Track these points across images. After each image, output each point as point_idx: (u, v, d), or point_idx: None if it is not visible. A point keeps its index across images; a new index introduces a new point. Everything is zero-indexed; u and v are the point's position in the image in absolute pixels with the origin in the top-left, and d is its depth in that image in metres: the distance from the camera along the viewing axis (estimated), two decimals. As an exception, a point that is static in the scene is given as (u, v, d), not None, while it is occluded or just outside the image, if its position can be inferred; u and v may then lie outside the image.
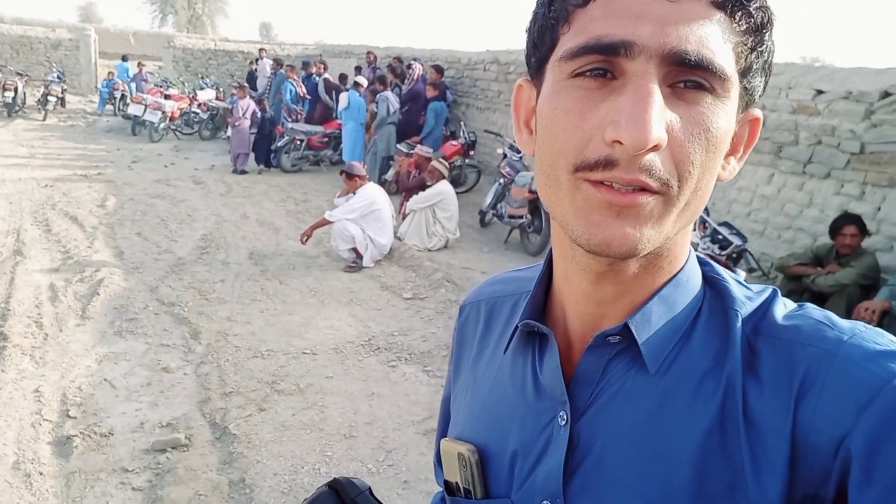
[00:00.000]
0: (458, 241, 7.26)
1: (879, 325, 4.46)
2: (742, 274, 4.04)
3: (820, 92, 5.99)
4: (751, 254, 4.12)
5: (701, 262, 0.62)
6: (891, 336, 0.51)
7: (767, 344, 0.54)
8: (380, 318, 5.16)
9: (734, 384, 0.53)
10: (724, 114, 0.51)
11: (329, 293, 5.64)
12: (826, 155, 5.84)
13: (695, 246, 4.14)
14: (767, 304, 0.57)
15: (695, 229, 4.62)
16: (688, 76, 0.49)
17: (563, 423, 0.60)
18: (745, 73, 0.52)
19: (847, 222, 4.96)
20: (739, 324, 0.56)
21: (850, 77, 5.83)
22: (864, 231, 4.96)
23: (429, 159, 7.49)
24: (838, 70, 6.04)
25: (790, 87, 6.25)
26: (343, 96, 10.38)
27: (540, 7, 0.56)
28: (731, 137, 0.53)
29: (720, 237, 4.17)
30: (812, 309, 0.56)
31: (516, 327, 0.66)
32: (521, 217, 7.13)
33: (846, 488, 0.47)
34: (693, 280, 0.60)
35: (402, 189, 7.90)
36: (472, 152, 9.58)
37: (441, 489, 0.78)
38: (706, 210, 4.64)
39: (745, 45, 0.51)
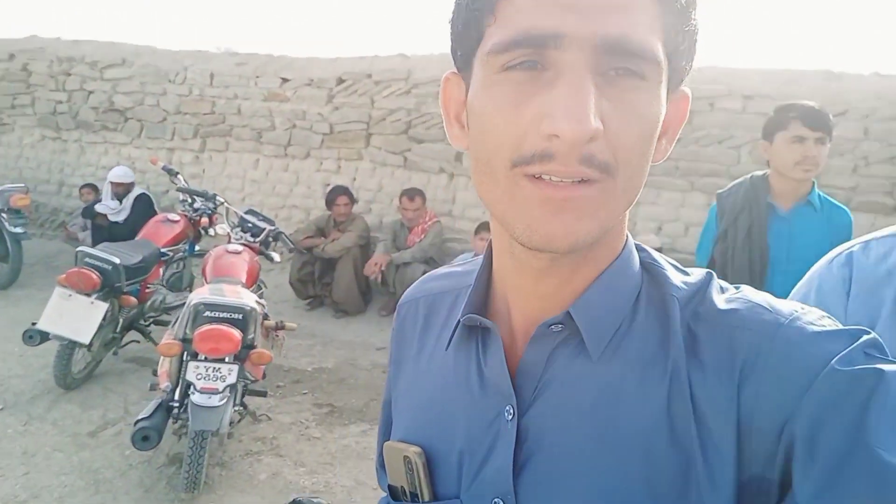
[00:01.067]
0: None
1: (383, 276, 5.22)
2: (276, 256, 4.11)
3: (285, 80, 6.49)
4: (285, 234, 4.24)
5: (637, 248, 0.62)
6: (830, 317, 0.53)
7: (708, 329, 0.54)
8: None
9: (679, 371, 0.53)
10: (655, 98, 0.50)
11: None
12: (302, 137, 6.42)
13: (228, 237, 4.03)
14: (704, 288, 0.58)
15: (212, 220, 4.47)
16: (618, 63, 0.48)
17: (510, 417, 0.58)
18: (672, 55, 0.51)
19: (339, 194, 5.61)
20: (678, 310, 0.56)
21: (310, 66, 6.49)
22: (353, 199, 5.69)
23: None
24: (298, 59, 6.64)
25: (258, 76, 6.58)
26: None
27: None
28: (662, 121, 0.53)
29: (250, 225, 4.14)
30: (749, 291, 0.57)
31: (458, 322, 0.64)
32: (-24, 244, 5.61)
33: (791, 470, 0.48)
34: (631, 266, 0.60)
35: None
36: None
37: (385, 494, 0.74)
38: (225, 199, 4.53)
39: (673, 27, 0.51)
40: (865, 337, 0.50)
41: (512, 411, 0.58)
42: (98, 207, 6.25)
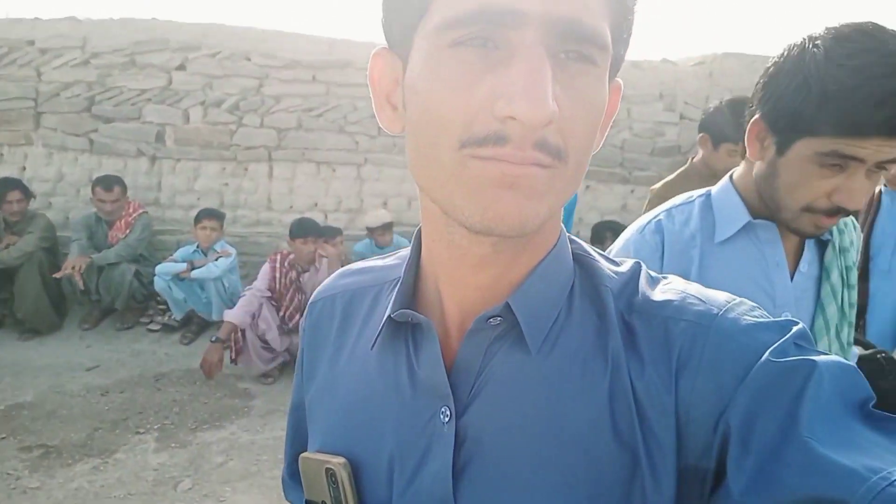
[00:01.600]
0: None
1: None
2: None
3: None
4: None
5: (569, 240, 0.62)
6: (759, 308, 0.54)
7: (642, 320, 0.54)
8: None
9: (619, 364, 0.53)
10: (602, 85, 0.50)
11: None
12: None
13: None
14: (635, 279, 0.58)
15: None
16: (571, 47, 0.47)
17: (447, 419, 0.55)
18: (615, 43, 0.51)
19: (9, 189, 4.62)
20: (613, 301, 0.56)
21: (-65, 28, 5.11)
22: (28, 194, 4.72)
23: None
24: (-86, 19, 5.18)
25: None
26: None
27: None
28: (606, 108, 0.53)
29: None
30: (678, 281, 0.58)
31: (388, 318, 0.60)
32: None
33: (725, 460, 0.48)
34: (566, 256, 0.59)
35: None
36: None
37: None
38: None
39: (618, 13, 0.50)
40: (795, 328, 0.51)
41: (449, 412, 0.55)
42: None
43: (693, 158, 2.80)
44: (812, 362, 0.47)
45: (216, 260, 4.52)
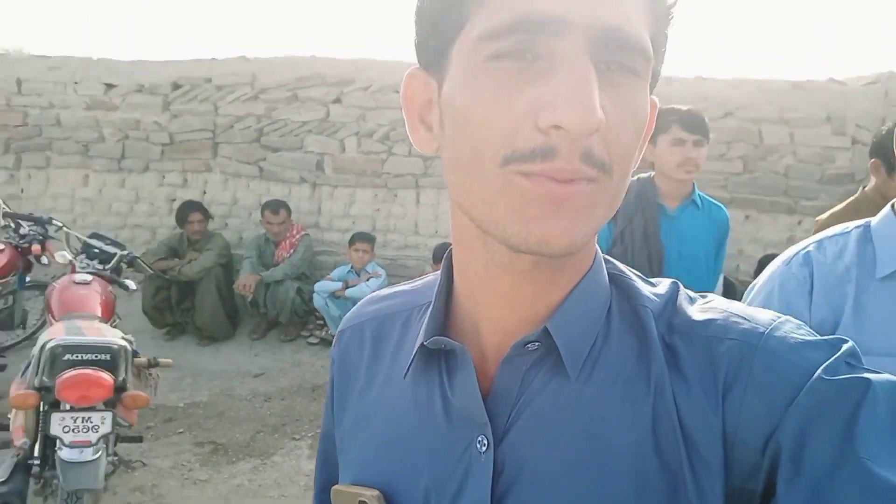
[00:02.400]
0: None
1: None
2: (132, 284, 3.69)
3: (111, 86, 5.87)
4: (141, 259, 3.81)
5: (603, 259, 0.60)
6: (805, 326, 0.53)
7: (685, 341, 0.53)
8: None
9: (664, 386, 0.51)
10: (645, 97, 0.49)
11: None
12: (138, 148, 5.85)
13: (71, 266, 3.57)
14: (674, 299, 0.56)
15: (45, 247, 3.91)
16: (613, 56, 0.46)
17: (484, 448, 0.53)
18: (655, 56, 0.49)
19: (192, 210, 5.19)
20: (653, 322, 0.54)
21: (138, 70, 5.92)
22: (207, 215, 5.29)
23: None
24: (122, 63, 6.04)
25: (76, 81, 5.90)
26: None
27: None
28: (647, 122, 0.51)
29: (96, 251, 3.66)
30: (720, 300, 0.56)
31: (422, 346, 0.57)
32: None
33: (774, 482, 0.47)
34: (602, 277, 0.57)
35: None
36: None
37: None
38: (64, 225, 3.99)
39: (658, 26, 0.49)
40: (845, 346, 0.49)
41: (486, 441, 0.53)
42: None
43: (865, 187, 2.59)
44: (866, 380, 0.46)
45: (368, 280, 4.80)
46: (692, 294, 0.58)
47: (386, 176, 5.49)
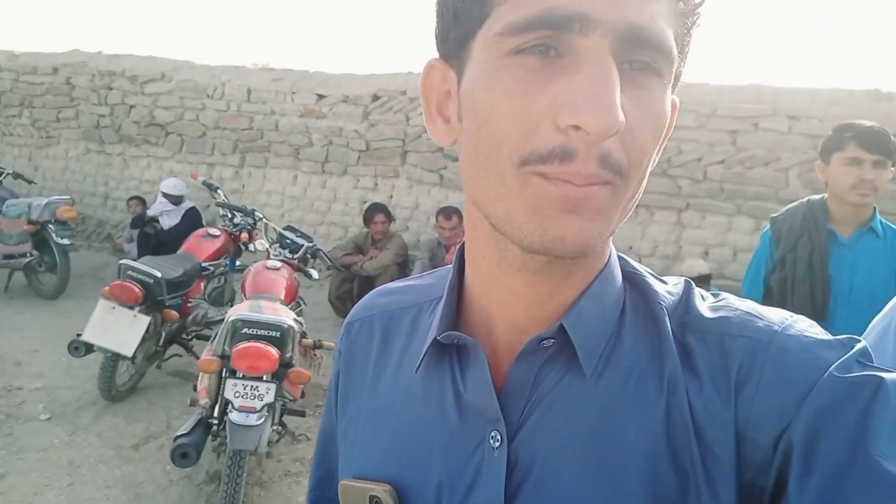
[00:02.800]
0: (-68, 302, 5.44)
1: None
2: (315, 273, 4.14)
3: (321, 96, 6.57)
4: (323, 252, 4.27)
5: (617, 257, 0.60)
6: (815, 325, 0.52)
7: (697, 339, 0.52)
8: None
9: (677, 384, 0.51)
10: (666, 98, 0.48)
11: None
12: (339, 153, 6.48)
13: (267, 253, 4.08)
14: (687, 297, 0.56)
15: (250, 236, 4.52)
16: (637, 55, 0.45)
17: (498, 444, 0.53)
18: (679, 56, 0.48)
19: (376, 211, 5.64)
20: (667, 319, 0.54)
21: (345, 82, 6.56)
22: (390, 217, 5.72)
23: None
24: (333, 76, 6.72)
25: (294, 92, 6.67)
26: None
27: None
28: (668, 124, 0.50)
29: (288, 241, 4.18)
30: (733, 299, 0.56)
31: (432, 340, 0.57)
32: (23, 255, 5.77)
33: (785, 479, 0.47)
34: (617, 275, 0.57)
35: None
36: (-86, 183, 7.24)
37: None
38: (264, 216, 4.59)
39: (683, 26, 0.48)
40: (858, 346, 0.48)
41: (500, 437, 0.53)
42: (151, 210, 6.35)
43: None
44: (879, 378, 0.45)
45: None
46: (705, 293, 0.58)
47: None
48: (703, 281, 4.32)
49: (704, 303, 0.55)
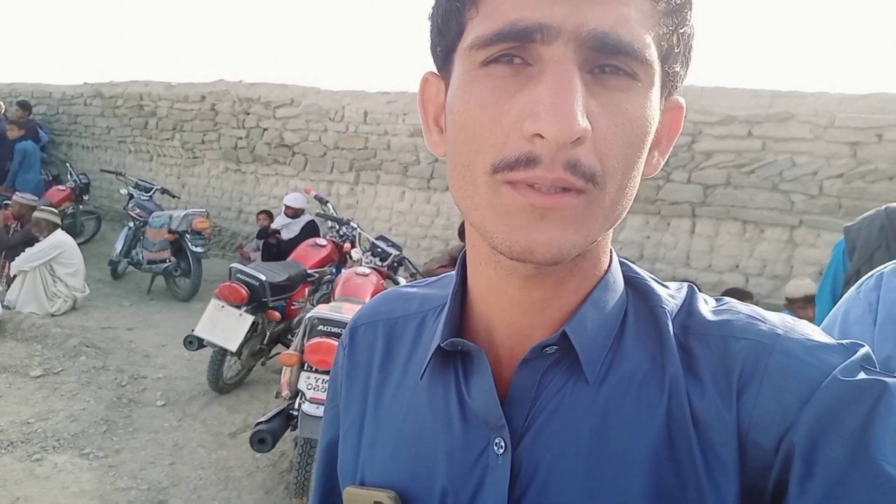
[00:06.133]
0: (88, 300, 6.23)
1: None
2: (402, 280, 4.33)
3: (430, 116, 6.81)
4: (409, 261, 4.47)
5: (620, 262, 0.59)
6: (819, 330, 0.52)
7: (700, 342, 0.52)
8: (4, 407, 4.11)
9: (678, 387, 0.51)
10: (647, 102, 0.47)
11: (-84, 392, 4.28)
12: (443, 171, 6.67)
13: (358, 262, 4.31)
14: (690, 301, 0.56)
15: (353, 245, 4.80)
16: (607, 61, 0.45)
17: (502, 450, 0.53)
18: (666, 58, 0.48)
19: (473, 225, 5.74)
20: (669, 322, 0.54)
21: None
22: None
23: (33, 208, 6.28)
24: (441, 96, 6.95)
25: (405, 113, 6.98)
26: None
27: None
28: (655, 128, 0.49)
29: (379, 250, 4.43)
30: (736, 303, 0.56)
31: (438, 347, 0.57)
32: (163, 261, 6.49)
33: (785, 481, 0.46)
34: (618, 281, 0.57)
35: (2, 248, 6.47)
36: (85, 196, 8.36)
37: None
38: (358, 226, 4.87)
39: (667, 26, 0.47)
40: (861, 350, 0.48)
41: (504, 444, 0.53)
42: (275, 223, 6.91)
43: None
44: (882, 382, 0.46)
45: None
46: (708, 297, 0.58)
47: (660, 203, 5.33)
48: (810, 302, 4.01)
49: (707, 306, 0.56)
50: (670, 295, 0.57)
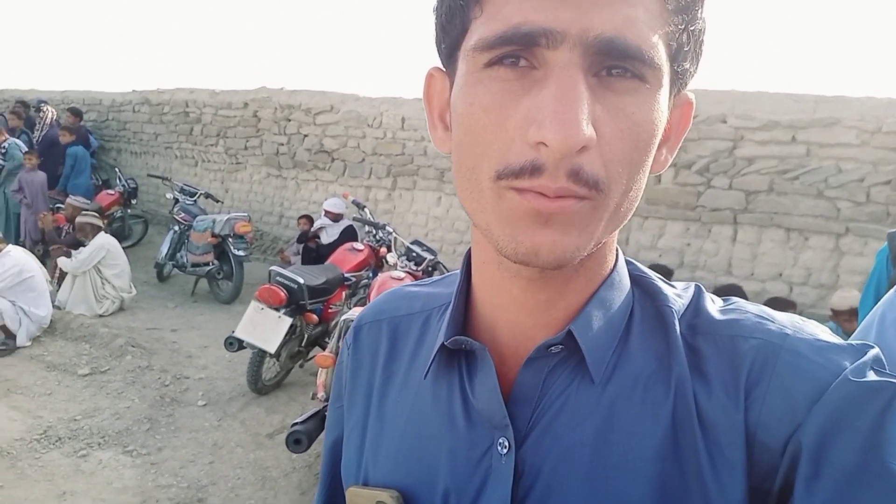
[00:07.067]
0: (135, 301, 6.43)
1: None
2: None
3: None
4: (443, 265, 4.49)
5: (626, 261, 0.59)
6: (829, 331, 0.51)
7: (708, 341, 0.52)
8: (53, 404, 4.27)
9: (684, 387, 0.50)
10: (654, 104, 0.46)
11: (-27, 387, 4.48)
12: (481, 175, 6.69)
13: (394, 266, 4.35)
14: (697, 301, 0.55)
15: (390, 250, 4.85)
16: (615, 63, 0.44)
17: (505, 451, 0.53)
18: (676, 56, 0.47)
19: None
20: (676, 322, 0.53)
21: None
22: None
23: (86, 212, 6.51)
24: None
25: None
26: (-50, 147, 8.41)
27: None
28: (663, 129, 0.48)
29: (414, 254, 4.46)
30: (744, 303, 0.55)
31: (442, 346, 0.57)
32: (206, 264, 6.65)
33: (791, 482, 0.46)
34: (624, 280, 0.57)
35: (53, 249, 6.72)
36: (133, 201, 8.64)
37: None
38: (394, 230, 4.92)
39: (677, 25, 0.46)
40: (871, 352, 0.48)
41: (508, 443, 0.53)
42: (315, 227, 7.01)
43: None
44: (893, 385, 0.45)
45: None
46: (716, 297, 0.57)
47: (701, 209, 5.24)
48: (855, 315, 3.88)
49: (714, 306, 0.55)
50: (677, 294, 0.56)
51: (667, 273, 4.81)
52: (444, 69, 0.54)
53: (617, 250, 0.57)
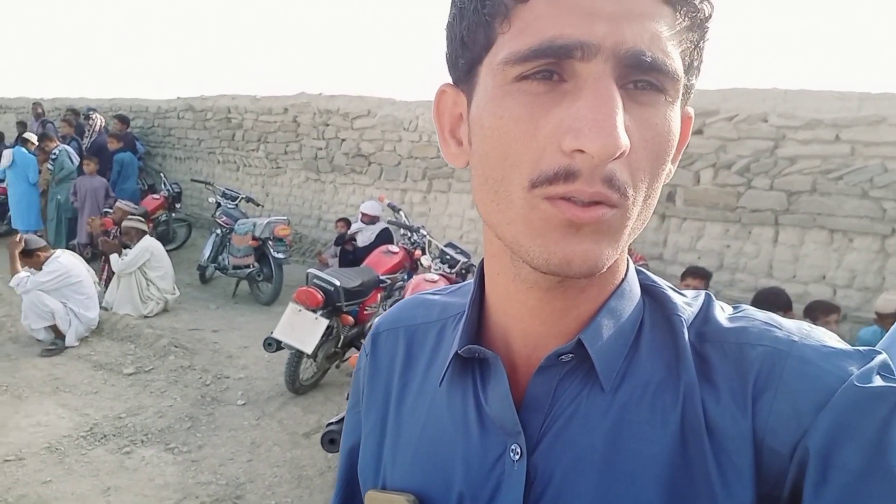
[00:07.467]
0: (178, 302, 6.61)
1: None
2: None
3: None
4: (475, 267, 4.51)
5: (636, 270, 0.60)
6: (836, 336, 0.52)
7: (716, 349, 0.53)
8: (99, 402, 4.43)
9: (693, 395, 0.51)
10: (674, 116, 0.48)
11: (26, 385, 4.66)
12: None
13: (428, 268, 4.38)
14: (706, 309, 0.56)
15: (424, 252, 4.89)
16: (640, 77, 0.45)
17: (517, 457, 0.54)
18: (687, 71, 0.49)
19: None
20: (685, 330, 0.54)
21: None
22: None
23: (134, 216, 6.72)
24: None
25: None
26: (6, 154, 8.79)
27: (469, 1, 0.49)
28: (678, 141, 0.50)
29: (448, 257, 4.50)
30: (753, 310, 0.56)
31: (456, 354, 0.59)
32: (247, 267, 6.79)
33: (800, 488, 0.46)
34: (634, 289, 0.58)
35: (101, 252, 6.96)
36: (177, 205, 8.88)
37: None
38: (429, 233, 4.96)
39: (691, 41, 0.48)
40: (878, 358, 0.48)
41: (519, 450, 0.54)
42: (352, 229, 7.11)
43: None
44: None
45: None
46: (725, 305, 0.58)
47: (741, 210, 5.14)
48: (903, 317, 3.75)
49: (724, 313, 0.56)
50: (686, 303, 0.57)
51: (705, 276, 4.73)
52: (458, 85, 0.54)
53: (627, 260, 0.58)
